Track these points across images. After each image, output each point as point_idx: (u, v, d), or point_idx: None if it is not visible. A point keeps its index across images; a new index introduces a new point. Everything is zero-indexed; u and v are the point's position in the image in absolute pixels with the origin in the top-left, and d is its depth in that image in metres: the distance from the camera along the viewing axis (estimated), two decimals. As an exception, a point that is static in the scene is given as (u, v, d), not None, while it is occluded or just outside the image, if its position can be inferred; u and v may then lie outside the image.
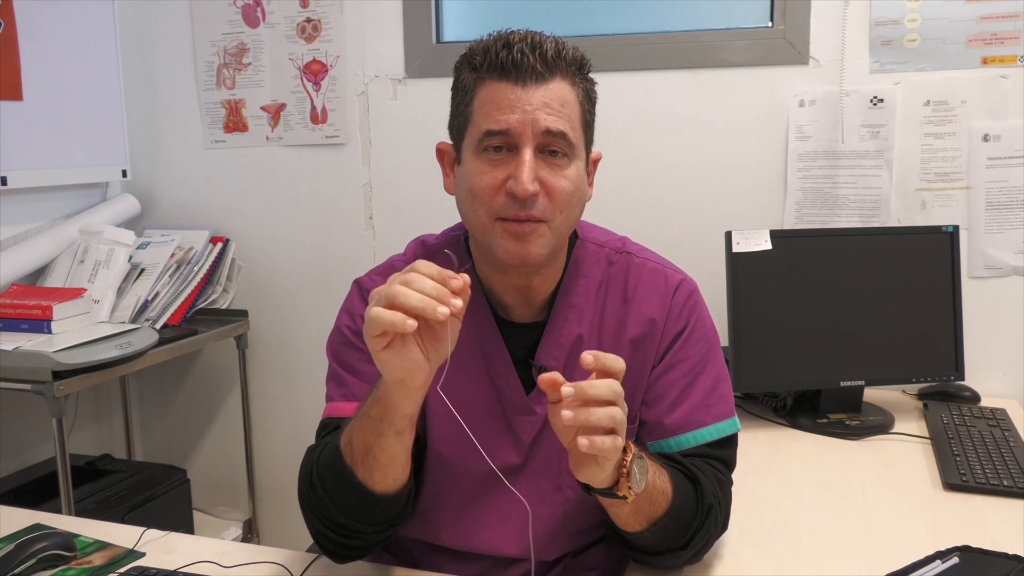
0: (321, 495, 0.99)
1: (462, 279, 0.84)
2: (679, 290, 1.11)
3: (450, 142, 1.08)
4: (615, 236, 1.17)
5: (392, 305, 0.82)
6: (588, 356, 0.83)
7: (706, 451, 1.07)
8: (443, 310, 0.82)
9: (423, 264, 0.85)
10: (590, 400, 0.82)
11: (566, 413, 0.82)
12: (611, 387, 0.83)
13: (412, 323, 0.81)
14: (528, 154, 0.97)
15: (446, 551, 1.15)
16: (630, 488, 0.90)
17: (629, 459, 0.90)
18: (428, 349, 0.87)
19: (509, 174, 0.98)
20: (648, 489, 0.94)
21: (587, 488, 0.93)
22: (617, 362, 0.85)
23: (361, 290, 1.14)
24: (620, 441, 0.85)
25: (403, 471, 0.97)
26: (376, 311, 0.82)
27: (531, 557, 1.11)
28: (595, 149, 1.10)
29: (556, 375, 0.84)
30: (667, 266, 1.14)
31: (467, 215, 1.05)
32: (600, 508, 1.10)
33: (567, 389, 0.82)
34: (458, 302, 0.83)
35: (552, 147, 0.99)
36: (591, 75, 1.05)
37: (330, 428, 1.08)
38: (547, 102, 0.97)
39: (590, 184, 1.09)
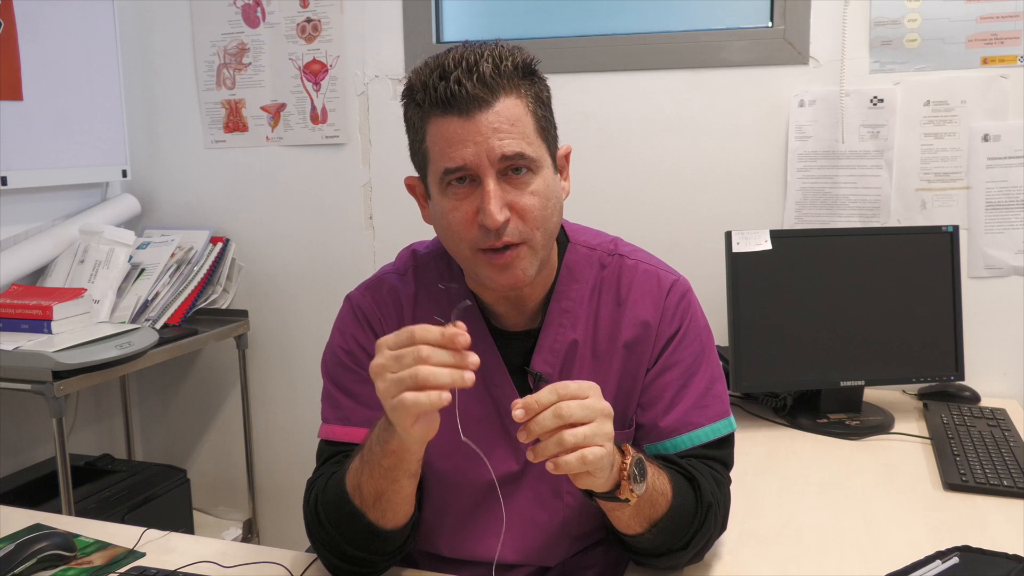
0: (332, 532, 1.00)
1: (464, 333, 0.83)
2: (672, 291, 1.11)
3: (416, 175, 1.07)
4: (607, 237, 1.16)
5: (423, 386, 0.81)
6: (518, 412, 0.84)
7: (703, 452, 1.07)
8: (469, 376, 0.83)
9: (424, 331, 0.83)
10: (537, 435, 0.84)
11: (528, 454, 0.85)
12: (557, 412, 0.83)
13: (447, 396, 0.81)
14: (491, 184, 0.95)
15: (446, 557, 1.15)
16: (632, 491, 0.90)
17: (629, 462, 0.90)
18: None
19: (478, 205, 0.97)
20: (648, 490, 0.94)
21: (590, 494, 0.93)
22: (552, 393, 0.85)
23: (353, 307, 1.13)
24: (591, 453, 0.84)
25: (412, 504, 0.99)
26: (412, 398, 0.81)
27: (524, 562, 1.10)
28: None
29: (517, 411, 0.84)
30: (660, 267, 1.13)
31: (450, 248, 1.05)
32: (599, 512, 1.09)
33: (520, 435, 0.85)
34: (475, 358, 0.83)
35: (513, 167, 0.97)
36: (540, 73, 1.02)
37: (326, 456, 1.09)
38: (496, 126, 0.95)
39: (566, 179, 1.08)
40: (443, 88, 0.94)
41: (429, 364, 0.81)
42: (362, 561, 1.02)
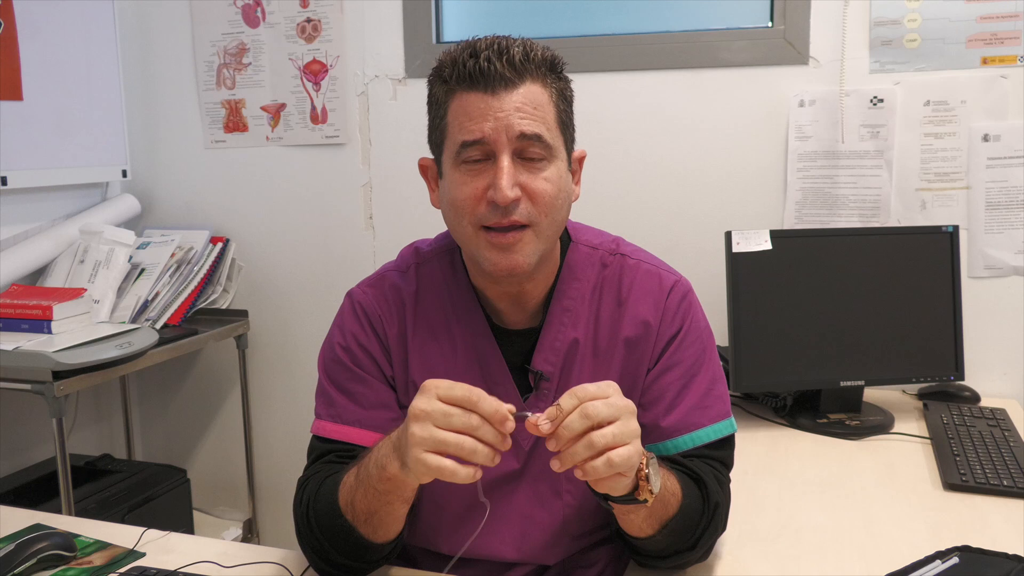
0: (321, 540, 1.00)
1: (512, 421, 0.84)
2: (673, 292, 1.11)
3: (431, 157, 1.08)
4: (609, 237, 1.16)
5: (461, 456, 0.82)
6: (544, 424, 0.83)
7: (704, 452, 1.07)
8: (498, 458, 0.84)
9: (488, 403, 0.83)
10: (567, 440, 0.83)
11: (553, 464, 0.85)
12: (584, 413, 0.82)
13: (479, 475, 0.83)
14: (505, 160, 0.97)
15: (445, 555, 1.15)
16: (651, 492, 0.90)
17: (645, 462, 0.90)
18: None
19: (489, 183, 0.97)
20: (661, 491, 0.93)
21: (605, 498, 0.92)
22: (573, 397, 0.84)
23: (353, 304, 1.13)
24: (618, 455, 0.83)
25: (403, 521, 0.99)
26: (438, 464, 0.82)
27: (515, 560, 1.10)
28: (585, 148, 1.10)
29: (534, 421, 0.84)
30: (661, 267, 1.14)
31: (453, 228, 1.05)
32: (600, 512, 1.09)
33: (549, 445, 0.84)
34: (508, 443, 0.84)
35: (529, 150, 0.98)
36: (566, 74, 1.04)
37: (318, 454, 1.09)
38: (519, 106, 0.97)
39: (577, 183, 1.09)
40: (472, 64, 0.97)
41: (475, 436, 0.82)
42: (351, 568, 1.02)
